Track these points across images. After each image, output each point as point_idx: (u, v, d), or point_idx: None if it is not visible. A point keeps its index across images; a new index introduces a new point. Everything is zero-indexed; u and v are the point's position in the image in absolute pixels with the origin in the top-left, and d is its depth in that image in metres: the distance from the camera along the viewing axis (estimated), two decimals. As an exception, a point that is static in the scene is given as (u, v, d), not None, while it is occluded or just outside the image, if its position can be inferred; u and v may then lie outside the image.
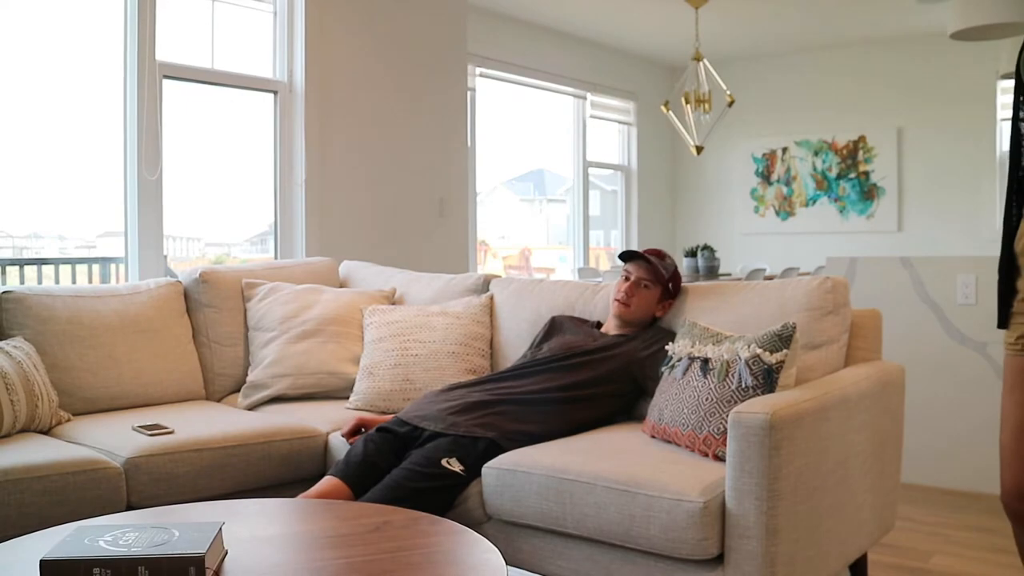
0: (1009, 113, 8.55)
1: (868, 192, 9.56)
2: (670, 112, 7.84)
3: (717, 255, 7.40)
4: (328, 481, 2.66)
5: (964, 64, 8.48)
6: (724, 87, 7.65)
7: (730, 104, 7.67)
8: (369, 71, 5.40)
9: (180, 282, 3.79)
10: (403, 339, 3.47)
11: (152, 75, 4.41)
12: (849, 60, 9.53)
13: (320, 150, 5.10)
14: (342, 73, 5.23)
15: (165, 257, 4.58)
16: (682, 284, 3.24)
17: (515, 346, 3.44)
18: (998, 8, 5.16)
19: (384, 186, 5.49)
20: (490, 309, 3.60)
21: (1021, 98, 2.03)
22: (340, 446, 3.02)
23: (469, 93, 7.02)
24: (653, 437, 2.76)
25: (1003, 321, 2.06)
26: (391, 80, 5.53)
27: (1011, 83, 2.06)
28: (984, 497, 4.02)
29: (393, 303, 3.86)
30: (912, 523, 3.72)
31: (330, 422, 3.22)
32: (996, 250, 2.12)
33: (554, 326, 3.30)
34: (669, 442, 2.69)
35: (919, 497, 4.08)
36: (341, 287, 4.11)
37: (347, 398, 3.47)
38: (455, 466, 2.64)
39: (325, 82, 5.12)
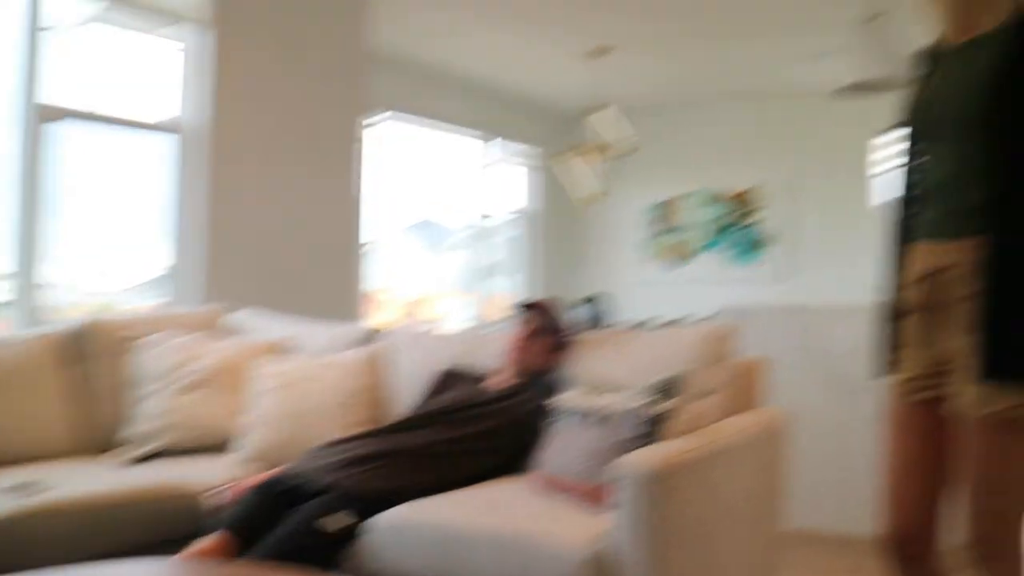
0: (879, 169, 8.86)
1: (759, 241, 9.79)
2: (568, 161, 7.93)
3: (612, 304, 7.46)
4: (212, 538, 2.57)
5: (849, 119, 8.78)
6: (623, 136, 7.77)
7: (629, 153, 7.79)
8: (270, 114, 5.33)
9: (58, 332, 3.65)
10: (291, 391, 3.40)
11: (32, 117, 4.29)
12: (744, 113, 9.79)
13: (218, 195, 5.00)
14: (241, 116, 5.15)
15: (44, 307, 4.42)
16: (574, 335, 3.24)
17: (405, 398, 3.40)
18: (880, 66, 5.37)
19: (282, 234, 5.40)
20: (380, 360, 3.55)
21: (910, 146, 2.09)
22: (224, 502, 2.93)
23: (367, 140, 6.99)
24: (543, 489, 2.74)
25: (885, 367, 2.10)
26: (289, 129, 5.47)
27: (890, 136, 2.15)
28: (867, 540, 4.08)
29: (283, 353, 3.78)
30: (797, 568, 3.76)
31: (215, 477, 3.12)
32: (878, 298, 2.17)
33: (445, 378, 3.27)
34: (559, 494, 2.67)
35: (803, 541, 4.13)
36: (232, 336, 4.01)
37: (234, 451, 3.37)
38: (341, 522, 2.57)
39: (224, 125, 5.03)
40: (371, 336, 3.74)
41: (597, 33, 7.53)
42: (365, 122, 6.08)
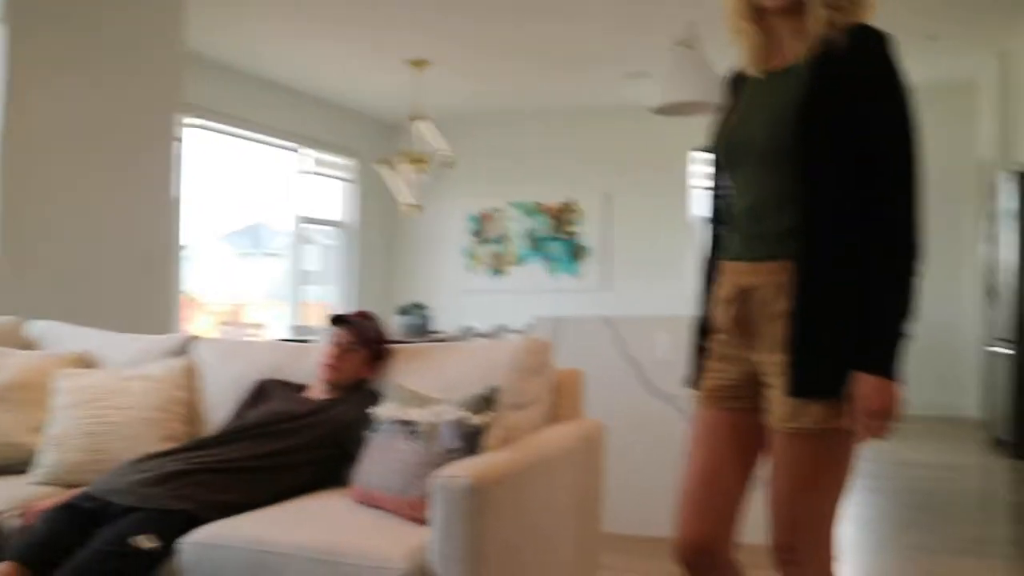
0: (697, 182, 9.23)
1: (577, 253, 10.00)
2: (387, 171, 7.90)
3: (431, 313, 7.47)
4: (5, 567, 2.42)
5: (666, 136, 9.08)
6: (443, 148, 7.80)
7: (446, 165, 7.83)
8: (71, 117, 5.09)
9: None
10: (96, 405, 3.25)
11: None
12: (563, 127, 10.00)
13: (11, 196, 4.74)
14: (37, 114, 4.90)
15: None
16: (391, 346, 3.23)
17: (219, 411, 3.29)
18: (693, 88, 5.57)
19: (86, 241, 5.17)
20: (193, 372, 3.43)
21: (719, 170, 2.16)
22: (16, 527, 2.77)
23: (181, 144, 6.76)
24: (360, 503, 2.71)
25: (693, 378, 2.17)
26: (95, 127, 5.24)
27: (702, 155, 2.23)
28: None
29: (87, 366, 3.61)
30: (614, 571, 3.85)
31: (7, 500, 2.94)
32: (693, 311, 2.25)
33: (260, 390, 3.20)
34: (376, 507, 2.65)
35: (620, 545, 4.23)
36: (30, 349, 3.80)
37: (30, 472, 3.19)
38: (149, 543, 2.47)
39: (17, 123, 4.77)
40: (185, 346, 3.60)
41: (416, 45, 7.54)
42: (182, 124, 5.89)
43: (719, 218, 2.19)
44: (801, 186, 1.91)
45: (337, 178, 9.84)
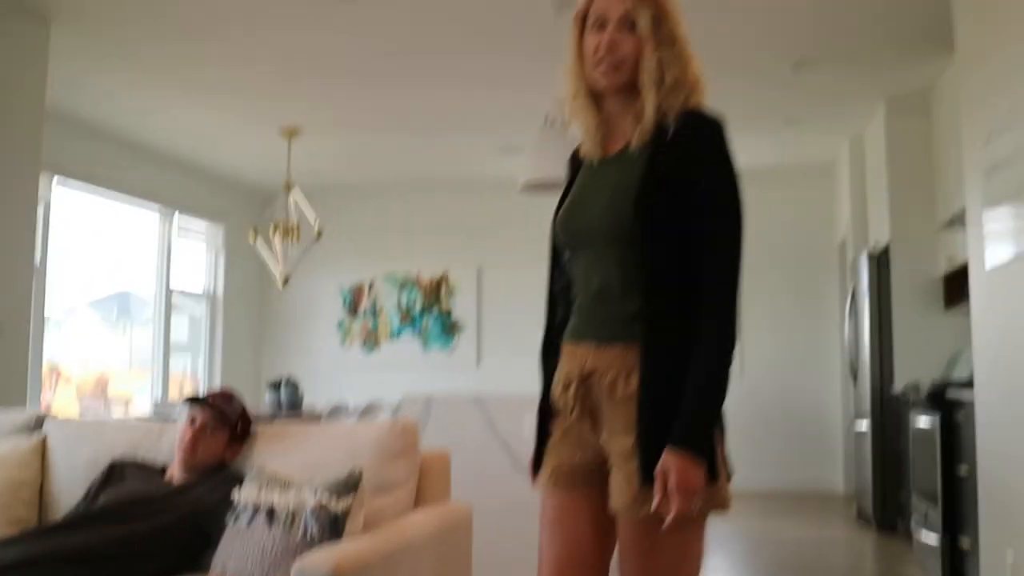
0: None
1: (450, 328, 10.00)
2: (257, 241, 7.79)
3: (301, 389, 7.33)
4: None
5: (538, 210, 9.17)
6: (312, 218, 7.74)
7: (318, 236, 7.76)
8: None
9: None
10: (-65, 486, 3.07)
11: None
12: (436, 200, 10.04)
13: None
14: None
15: None
16: (252, 425, 3.15)
17: (70, 495, 3.13)
18: (558, 165, 5.66)
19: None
20: (42, 451, 3.28)
21: (559, 251, 2.16)
22: None
23: (42, 206, 6.55)
24: (217, 591, 2.62)
25: (536, 463, 2.14)
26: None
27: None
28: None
29: (-73, 444, 3.41)
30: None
31: None
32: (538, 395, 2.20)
33: (113, 472, 3.06)
34: (232, 596, 2.56)
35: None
36: None
37: None
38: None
39: None
40: (37, 422, 3.44)
41: (289, 112, 7.50)
42: (48, 186, 5.68)
43: (559, 299, 2.18)
44: (642, 270, 1.92)
45: (204, 245, 9.65)
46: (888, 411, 6.86)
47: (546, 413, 2.13)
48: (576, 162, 2.20)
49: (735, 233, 1.92)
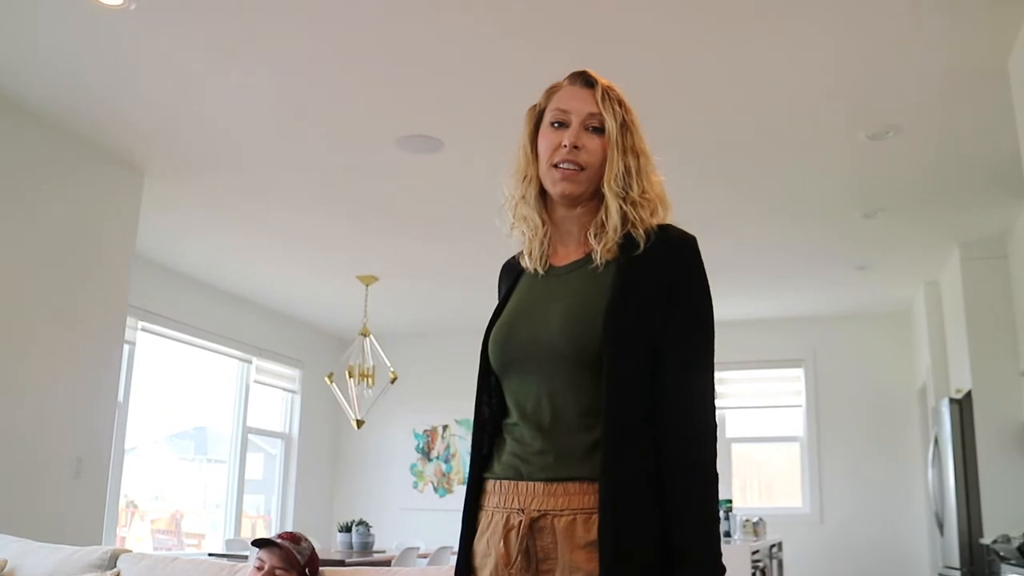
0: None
1: (523, 471, 9.92)
2: (333, 384, 7.92)
3: (372, 531, 7.32)
4: None
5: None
6: (388, 363, 7.86)
7: (393, 380, 7.87)
8: (16, 307, 5.07)
9: None
10: (9, 621, 3.12)
11: None
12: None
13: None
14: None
15: None
16: (321, 568, 3.16)
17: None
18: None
19: (12, 442, 5.03)
20: (115, 588, 3.33)
21: (485, 377, 1.86)
22: None
23: (127, 347, 6.76)
24: None
25: None
26: (41, 320, 5.20)
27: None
28: None
29: (3, 578, 3.49)
30: None
31: None
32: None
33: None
34: None
35: None
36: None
37: None
38: None
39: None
40: (111, 560, 3.49)
41: (365, 262, 7.70)
42: (134, 328, 5.88)
43: (486, 429, 1.83)
44: (606, 394, 1.62)
45: (281, 388, 9.82)
46: (979, 563, 6.58)
47: (467, 568, 1.76)
48: (514, 272, 1.95)
49: (711, 355, 1.70)
